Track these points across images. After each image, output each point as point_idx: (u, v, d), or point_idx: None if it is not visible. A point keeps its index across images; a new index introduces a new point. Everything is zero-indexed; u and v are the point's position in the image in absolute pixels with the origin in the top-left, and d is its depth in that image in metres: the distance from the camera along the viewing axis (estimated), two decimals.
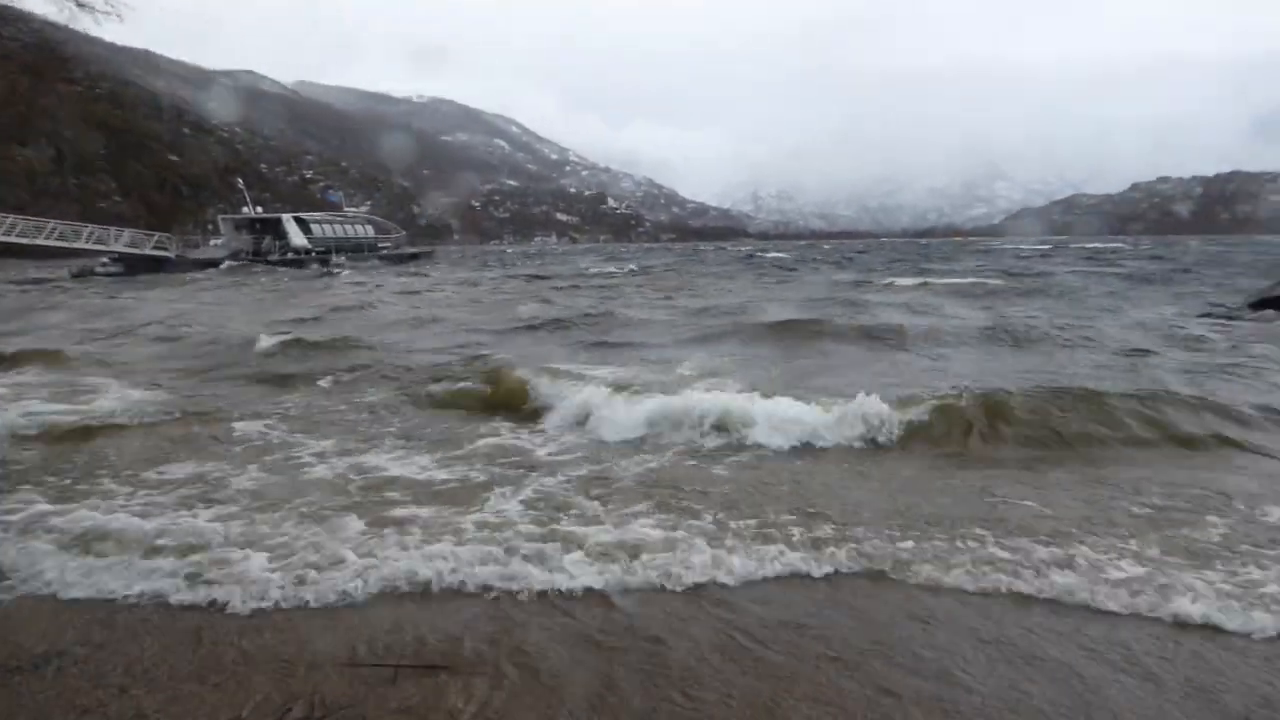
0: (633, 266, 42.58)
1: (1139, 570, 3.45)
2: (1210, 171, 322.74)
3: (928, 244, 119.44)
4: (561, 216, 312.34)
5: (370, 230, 57.76)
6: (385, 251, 55.42)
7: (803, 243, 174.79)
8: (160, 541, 3.75)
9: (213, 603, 3.21)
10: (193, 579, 3.38)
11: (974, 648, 2.87)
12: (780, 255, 59.95)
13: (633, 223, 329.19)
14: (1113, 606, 3.17)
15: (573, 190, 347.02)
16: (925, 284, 23.78)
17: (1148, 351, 10.02)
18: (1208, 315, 15.33)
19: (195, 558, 3.57)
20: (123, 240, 40.25)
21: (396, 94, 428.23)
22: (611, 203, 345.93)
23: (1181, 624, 3.05)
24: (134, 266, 38.20)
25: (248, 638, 2.93)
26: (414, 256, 58.69)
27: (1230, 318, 14.73)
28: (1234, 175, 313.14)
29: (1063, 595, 3.27)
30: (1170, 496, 4.49)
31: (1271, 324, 13.62)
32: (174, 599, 3.24)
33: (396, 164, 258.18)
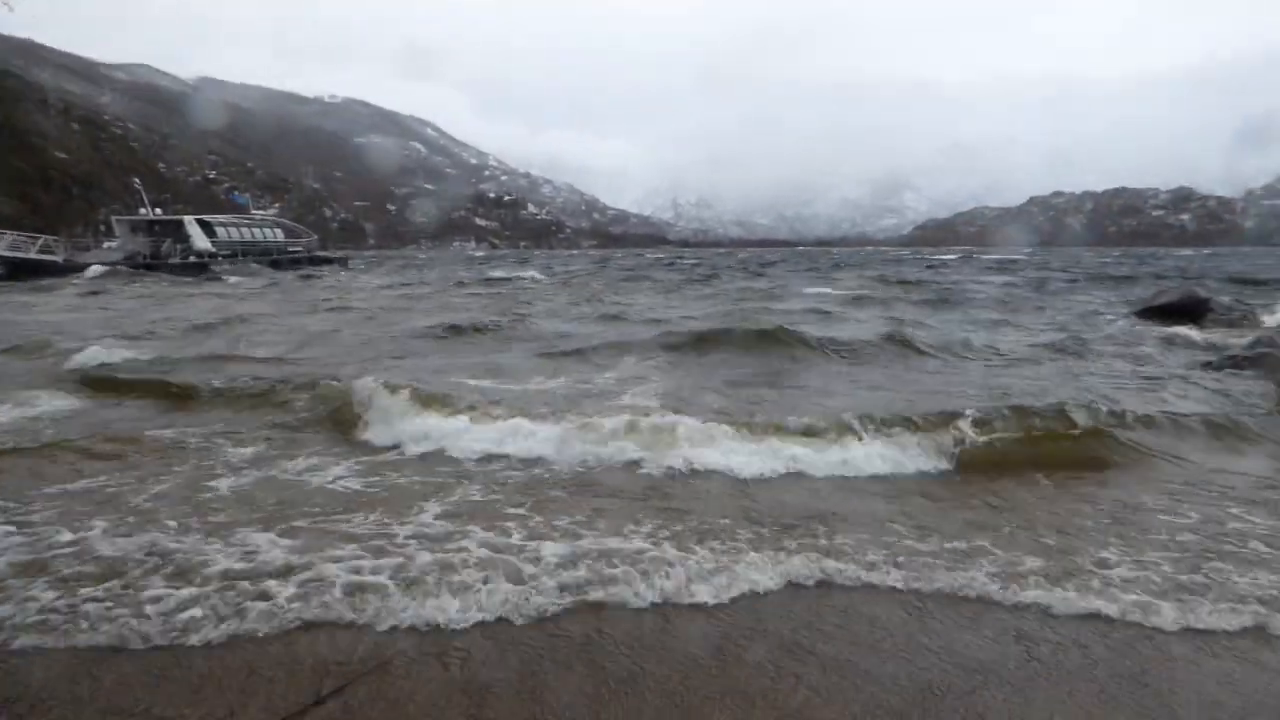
0: (535, 273, 42.54)
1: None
2: (1099, 187, 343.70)
3: (838, 253, 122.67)
4: (481, 222, 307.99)
5: (279, 234, 55.77)
6: (296, 255, 53.62)
7: (721, 250, 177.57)
8: None
9: None
10: None
11: None
12: (695, 262, 60.75)
13: (553, 229, 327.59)
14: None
15: (492, 195, 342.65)
16: (827, 292, 24.37)
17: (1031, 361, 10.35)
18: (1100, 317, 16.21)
19: None
20: (3, 243, 37.34)
21: (307, 93, 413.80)
22: (532, 208, 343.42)
23: None
24: (16, 271, 35.54)
25: None
26: (326, 261, 57.07)
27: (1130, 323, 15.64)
28: (1121, 191, 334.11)
29: None
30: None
31: (1162, 329, 14.65)
32: None
33: (307, 166, 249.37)
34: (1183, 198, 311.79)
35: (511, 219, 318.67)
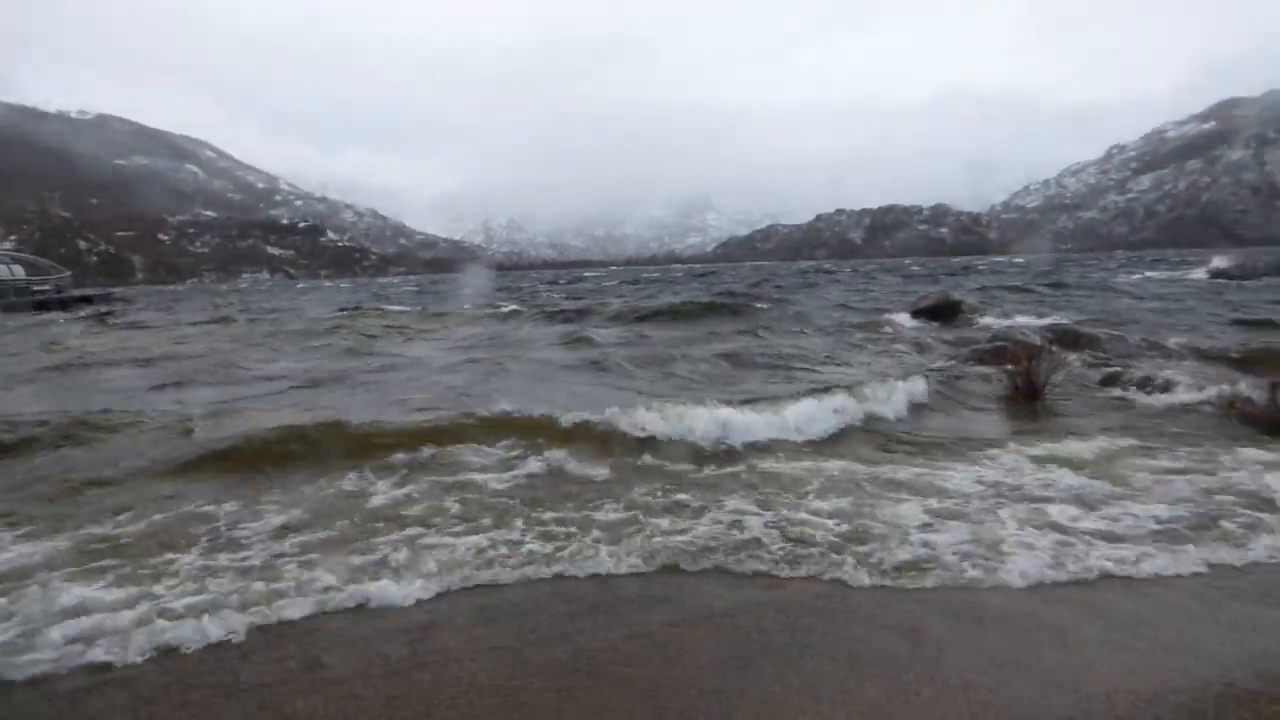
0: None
1: None
2: (874, 205, 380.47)
3: (646, 270, 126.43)
4: (274, 250, 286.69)
5: (20, 270, 48.62)
6: (42, 296, 46.87)
7: (534, 272, 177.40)
8: None
9: None
10: None
11: None
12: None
13: (357, 255, 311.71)
14: None
15: (285, 221, 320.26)
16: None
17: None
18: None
19: None
20: None
21: (48, 108, 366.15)
22: (332, 235, 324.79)
23: None
24: None
25: None
26: (85, 300, 50.16)
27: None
28: (891, 208, 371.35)
29: None
30: None
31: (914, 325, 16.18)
32: None
33: (52, 192, 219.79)
34: (941, 213, 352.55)
35: (309, 246, 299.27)
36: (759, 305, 23.24)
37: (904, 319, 18.98)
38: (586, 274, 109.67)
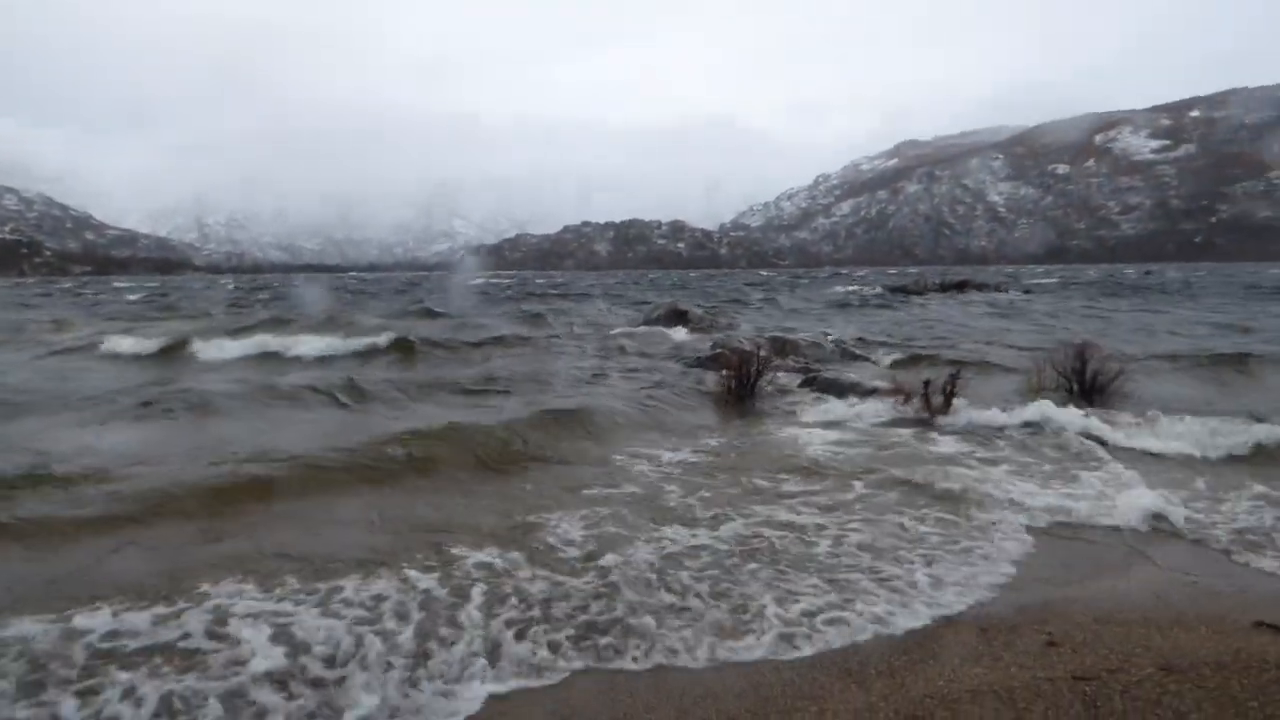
0: None
1: None
2: (618, 219, 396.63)
3: (386, 277, 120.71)
4: None
5: None
6: None
7: (262, 276, 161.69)
8: None
9: None
10: None
11: None
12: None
13: (26, 252, 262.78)
14: None
15: None
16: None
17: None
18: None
19: None
20: None
21: None
22: None
23: None
24: None
25: None
26: None
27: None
28: (634, 223, 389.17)
29: None
30: None
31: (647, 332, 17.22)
32: None
33: None
34: (678, 229, 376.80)
35: None
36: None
37: (639, 328, 20.14)
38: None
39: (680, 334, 18.65)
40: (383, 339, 15.61)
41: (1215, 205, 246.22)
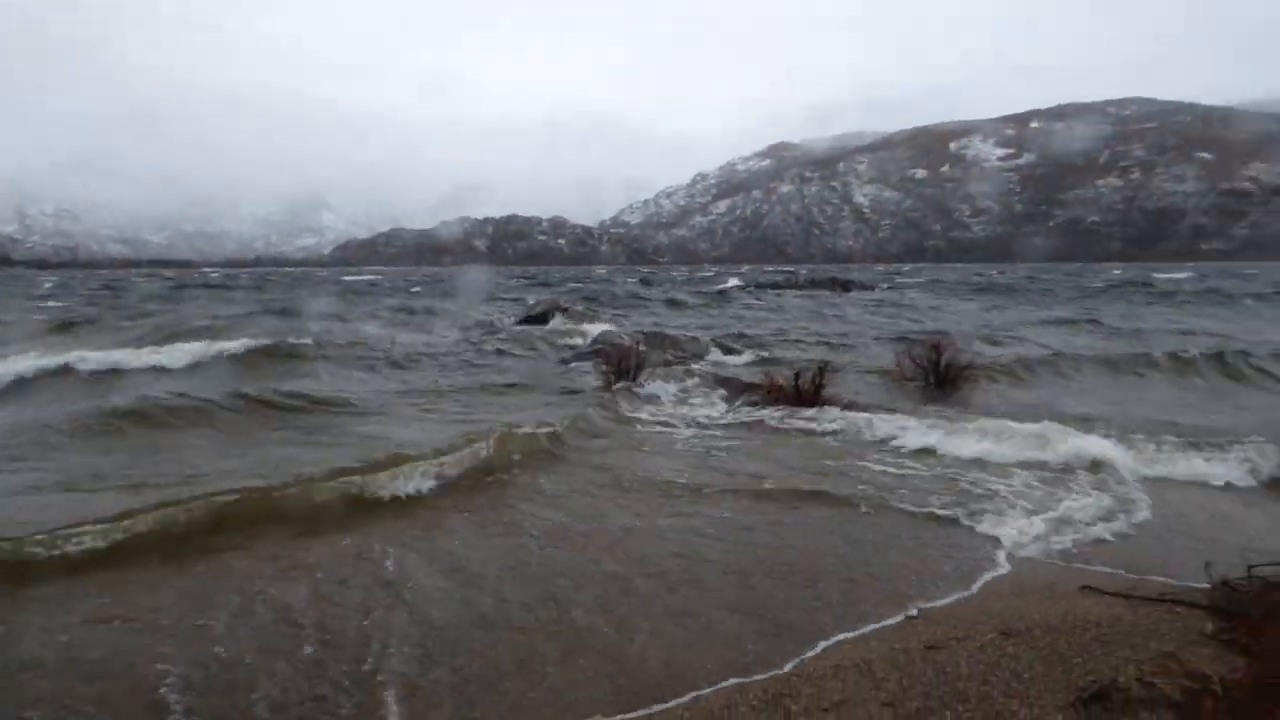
0: None
1: None
2: (497, 214, 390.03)
3: (251, 274, 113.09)
4: None
5: None
6: None
7: (97, 272, 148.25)
8: None
9: None
10: None
11: None
12: None
13: None
14: None
15: None
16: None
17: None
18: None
19: None
20: None
21: None
22: None
23: None
24: None
25: None
26: None
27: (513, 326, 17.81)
28: (514, 219, 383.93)
29: None
30: None
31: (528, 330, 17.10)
32: None
33: None
34: (558, 225, 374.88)
35: None
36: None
37: (518, 325, 19.92)
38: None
39: (561, 329, 18.58)
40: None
41: (1052, 210, 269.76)
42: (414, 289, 45.30)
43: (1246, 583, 4.24)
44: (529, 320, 20.62)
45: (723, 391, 10.78)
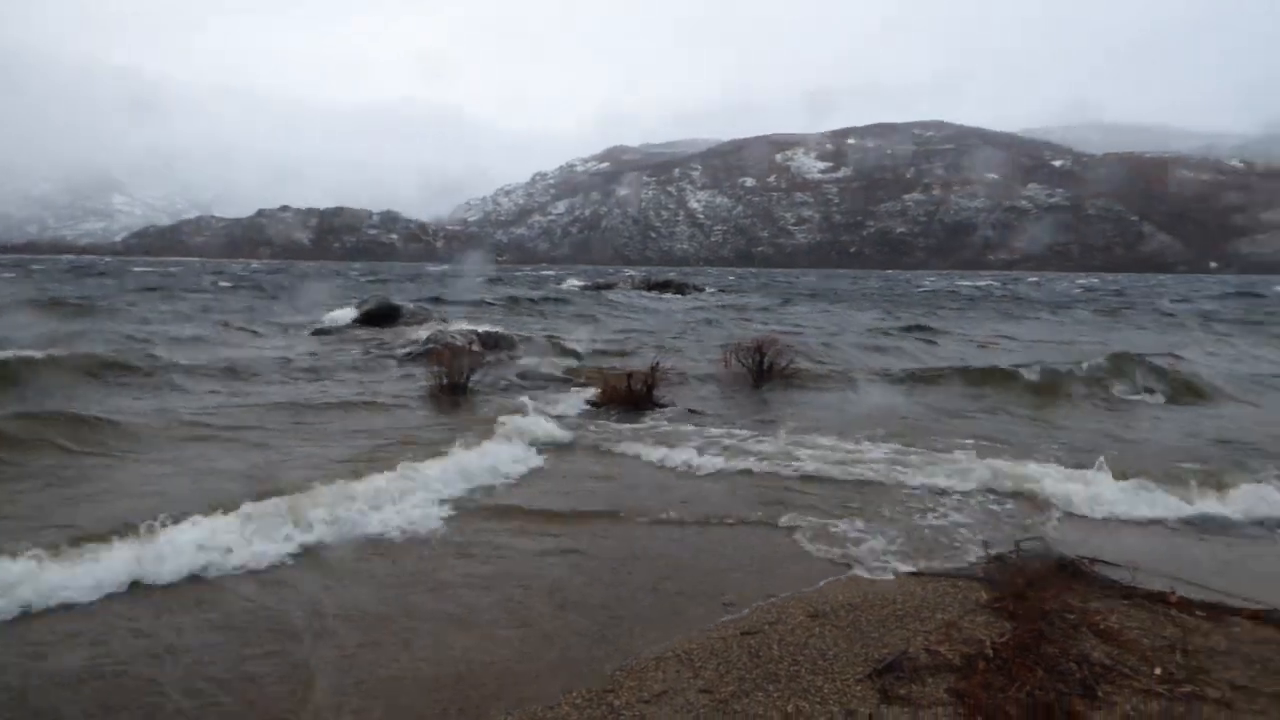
0: None
1: None
2: (323, 205, 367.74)
3: (17, 260, 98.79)
4: None
5: None
6: None
7: None
8: None
9: None
10: None
11: None
12: None
13: None
14: None
15: None
16: None
17: None
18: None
19: None
20: None
21: None
22: None
23: None
24: None
25: None
26: None
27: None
28: (341, 210, 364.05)
29: None
30: None
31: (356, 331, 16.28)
32: None
33: None
34: (391, 219, 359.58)
35: None
36: None
37: (348, 322, 18.91)
38: None
39: (392, 329, 17.83)
40: None
41: (866, 221, 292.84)
42: (222, 283, 41.72)
43: (1015, 557, 4.83)
44: (358, 321, 19.57)
45: (558, 393, 10.78)
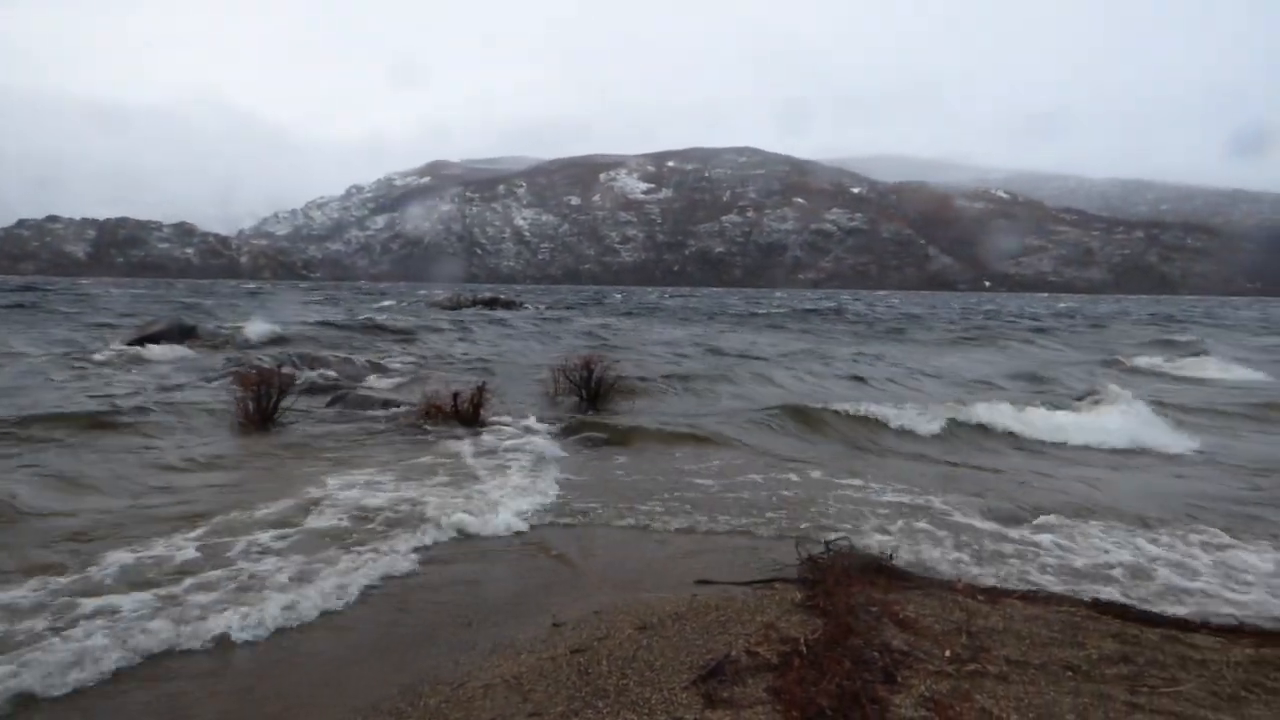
0: None
1: None
2: (102, 215, 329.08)
3: None
4: None
5: None
6: None
7: None
8: None
9: None
10: None
11: None
12: None
13: None
14: None
15: None
16: None
17: None
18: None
19: None
20: None
21: None
22: None
23: None
24: None
25: None
26: None
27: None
28: (124, 221, 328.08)
29: None
30: None
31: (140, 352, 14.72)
32: None
33: None
34: (186, 232, 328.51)
35: None
36: None
37: (132, 347, 16.99)
38: None
39: (188, 352, 16.23)
40: None
41: (687, 241, 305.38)
42: None
43: (826, 556, 5.16)
44: (145, 340, 17.63)
45: (377, 414, 10.28)
